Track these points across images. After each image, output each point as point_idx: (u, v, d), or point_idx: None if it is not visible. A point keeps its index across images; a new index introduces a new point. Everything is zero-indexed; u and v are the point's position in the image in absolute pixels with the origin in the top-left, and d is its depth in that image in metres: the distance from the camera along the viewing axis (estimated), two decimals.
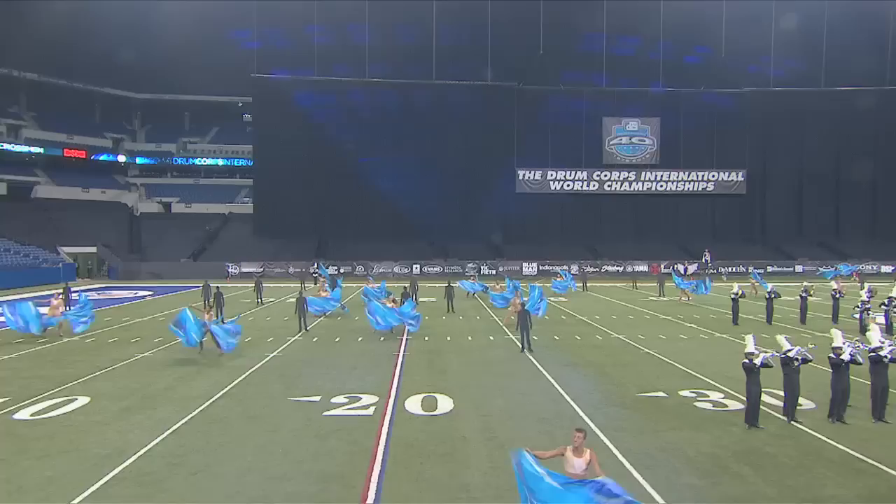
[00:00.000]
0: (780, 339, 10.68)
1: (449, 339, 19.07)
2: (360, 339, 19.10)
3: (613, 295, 32.97)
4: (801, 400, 10.96)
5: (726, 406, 11.35)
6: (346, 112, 51.42)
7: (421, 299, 29.63)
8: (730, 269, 47.48)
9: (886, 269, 47.01)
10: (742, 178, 53.90)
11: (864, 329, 18.75)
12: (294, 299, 22.15)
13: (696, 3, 50.64)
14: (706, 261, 46.81)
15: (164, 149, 64.36)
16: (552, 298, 30.56)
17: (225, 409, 11.46)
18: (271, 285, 38.00)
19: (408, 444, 9.49)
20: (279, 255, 47.39)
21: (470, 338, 19.20)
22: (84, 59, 54.42)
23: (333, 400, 11.95)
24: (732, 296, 22.13)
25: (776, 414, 10.71)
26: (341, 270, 45.92)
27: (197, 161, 65.22)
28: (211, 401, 11.89)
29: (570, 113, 52.17)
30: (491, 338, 19.16)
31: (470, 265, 47.06)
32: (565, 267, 44.00)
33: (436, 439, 9.70)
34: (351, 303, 26.99)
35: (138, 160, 64.25)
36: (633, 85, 54.41)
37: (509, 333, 19.44)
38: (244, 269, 45.86)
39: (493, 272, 45.97)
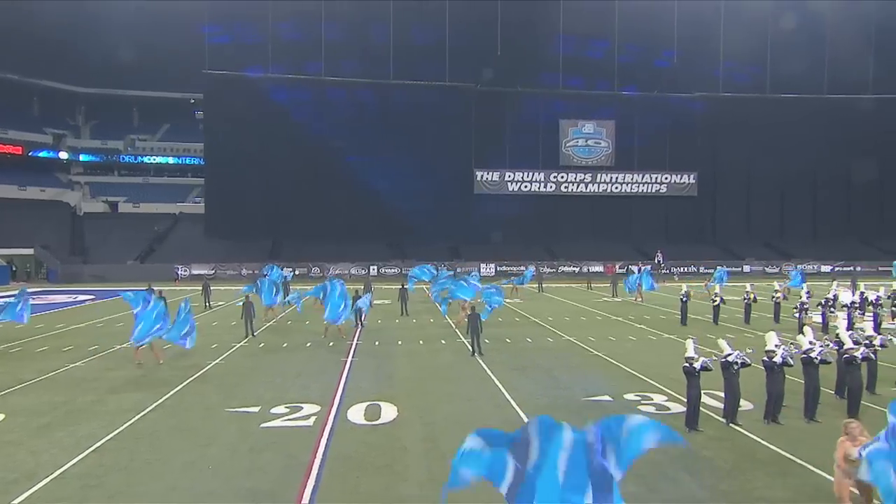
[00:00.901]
0: (721, 342, 10.83)
1: (400, 343, 18.79)
2: (308, 344, 18.62)
3: (568, 296, 33.29)
4: (740, 401, 11.16)
5: (669, 409, 11.44)
6: (301, 110, 50.28)
7: (376, 302, 29.23)
8: (681, 269, 48.67)
9: (826, 268, 49.08)
10: (693, 181, 55.34)
11: (802, 329, 19.40)
12: (241, 303, 21.37)
13: (652, 7, 51.82)
14: (658, 261, 47.84)
15: (111, 146, 61.79)
16: (507, 300, 30.66)
17: (156, 422, 10.88)
18: (222, 288, 36.86)
19: (346, 457, 9.18)
20: (232, 257, 46.05)
21: (421, 342, 18.95)
22: (20, 50, 51.69)
23: (273, 410, 11.53)
24: (682, 297, 22.58)
25: (716, 416, 10.86)
26: (296, 272, 44.96)
27: (146, 159, 62.94)
28: (142, 414, 11.28)
29: (528, 115, 52.53)
30: (443, 342, 18.96)
31: (428, 266, 46.74)
32: (522, 266, 44.34)
33: (375, 451, 9.43)
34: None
35: (82, 157, 61.42)
36: (589, 88, 55.11)
37: (461, 337, 19.27)
38: (195, 272, 44.36)
39: (452, 273, 45.78)
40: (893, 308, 22.75)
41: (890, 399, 11.49)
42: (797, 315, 20.31)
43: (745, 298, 22.63)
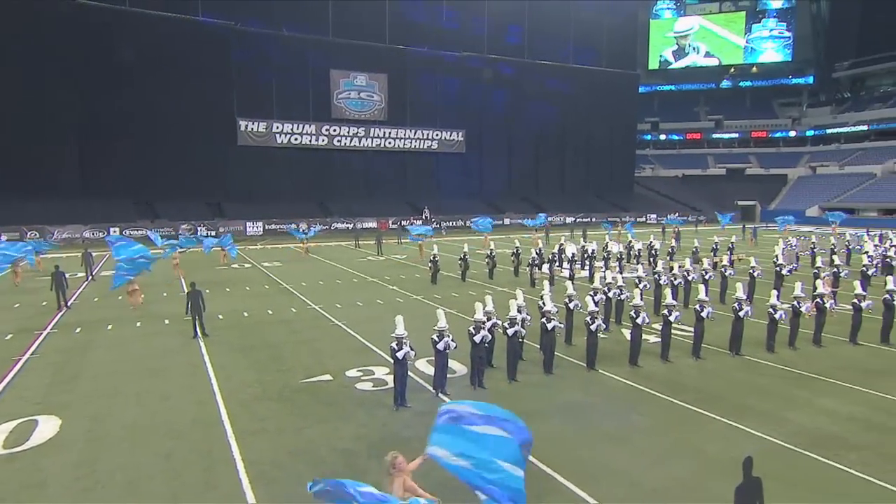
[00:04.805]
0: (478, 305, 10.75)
1: (110, 327, 15.84)
2: None
3: (333, 256, 32.32)
4: (453, 366, 11.36)
5: (386, 384, 11.10)
6: (9, 36, 39.41)
7: (103, 273, 24.90)
8: (450, 223, 51.18)
9: (570, 219, 56.13)
10: (461, 138, 58.06)
11: (533, 282, 21.24)
12: None
13: None
14: (426, 216, 49.53)
15: None
16: (265, 263, 28.62)
17: None
18: None
19: None
20: None
21: (139, 323, 16.24)
22: None
23: None
24: (432, 257, 23.10)
25: (427, 385, 10.85)
26: (4, 238, 36.45)
27: None
28: None
29: (296, 62, 48.92)
30: (166, 322, 16.48)
31: (184, 226, 41.76)
32: (293, 224, 42.22)
33: None
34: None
35: None
36: (361, 39, 53.37)
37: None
38: None
39: (213, 233, 41.62)
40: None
41: (583, 349, 12.79)
42: (528, 269, 22.23)
43: (488, 254, 24.23)
